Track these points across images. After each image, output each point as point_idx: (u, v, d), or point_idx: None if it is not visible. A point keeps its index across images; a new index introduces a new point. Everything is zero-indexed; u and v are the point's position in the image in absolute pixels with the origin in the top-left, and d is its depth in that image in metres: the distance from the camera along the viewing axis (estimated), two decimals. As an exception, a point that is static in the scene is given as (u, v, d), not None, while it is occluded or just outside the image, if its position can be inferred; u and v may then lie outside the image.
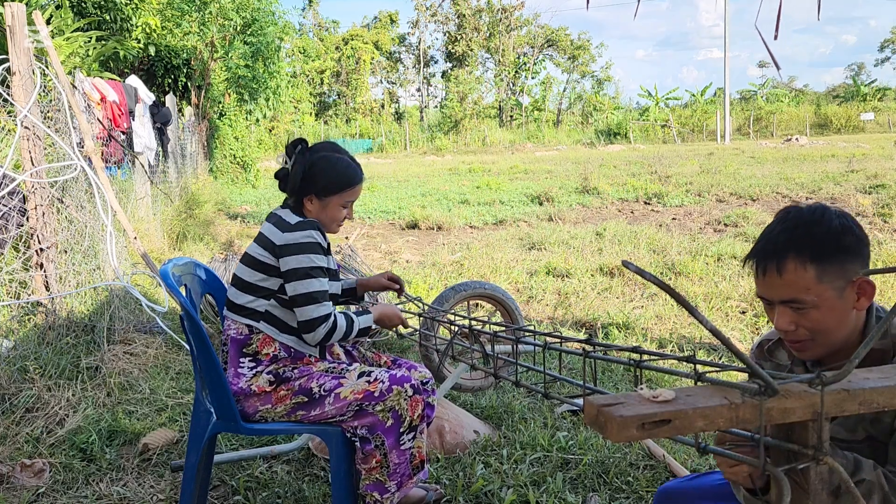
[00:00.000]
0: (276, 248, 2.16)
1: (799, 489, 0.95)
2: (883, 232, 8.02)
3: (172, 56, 14.02)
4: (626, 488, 2.60)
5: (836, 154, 20.17)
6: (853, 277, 1.35)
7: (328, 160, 2.26)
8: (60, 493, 2.64)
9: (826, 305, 1.35)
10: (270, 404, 2.17)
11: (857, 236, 1.37)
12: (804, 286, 1.35)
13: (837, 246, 1.35)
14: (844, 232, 1.36)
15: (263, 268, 2.19)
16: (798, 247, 1.35)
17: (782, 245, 1.37)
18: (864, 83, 52.44)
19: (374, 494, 2.17)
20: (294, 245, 2.14)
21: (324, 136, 40.28)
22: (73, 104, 4.43)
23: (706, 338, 4.54)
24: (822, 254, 1.34)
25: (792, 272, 1.35)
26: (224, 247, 8.35)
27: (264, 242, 2.20)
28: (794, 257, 1.35)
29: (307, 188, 2.24)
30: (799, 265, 1.35)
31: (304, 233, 2.15)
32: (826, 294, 1.35)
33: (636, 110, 49.72)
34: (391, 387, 2.14)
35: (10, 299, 3.92)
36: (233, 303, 2.23)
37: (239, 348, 2.19)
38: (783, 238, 1.38)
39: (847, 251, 1.35)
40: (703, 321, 0.86)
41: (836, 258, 1.34)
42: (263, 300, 2.19)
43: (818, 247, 1.34)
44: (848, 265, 1.35)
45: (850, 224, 1.38)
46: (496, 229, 9.77)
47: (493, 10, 50.24)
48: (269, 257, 2.18)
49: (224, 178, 16.35)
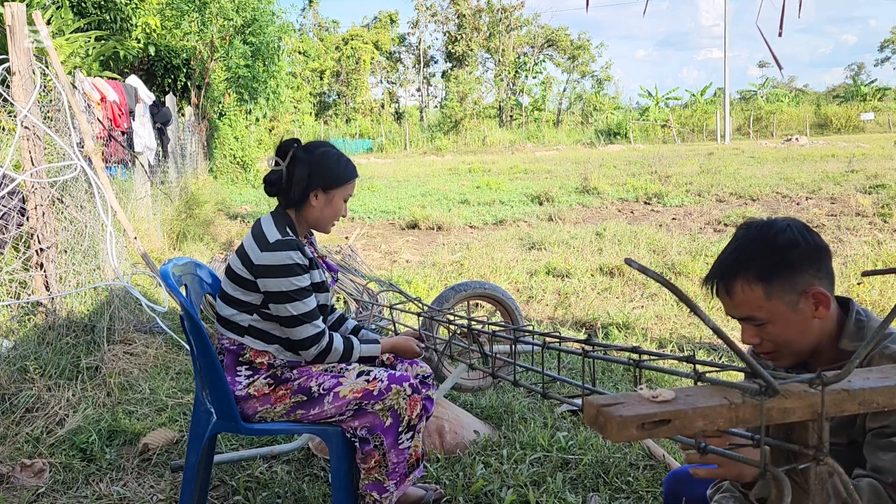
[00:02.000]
0: (254, 268, 2.13)
1: (799, 489, 0.95)
2: (883, 232, 8.01)
3: (172, 56, 14.02)
4: (626, 488, 2.60)
5: (836, 154, 20.17)
6: (806, 289, 1.38)
7: (331, 154, 2.25)
8: (60, 493, 2.64)
9: (780, 320, 1.39)
10: (270, 404, 2.18)
11: (804, 249, 1.39)
12: (756, 305, 1.39)
13: (782, 262, 1.38)
14: (790, 247, 1.38)
15: (243, 283, 2.16)
16: (744, 267, 1.39)
17: (730, 267, 1.41)
18: (864, 83, 52.44)
19: (374, 494, 2.17)
20: (272, 267, 2.10)
21: (324, 136, 40.28)
22: (73, 104, 4.43)
23: (706, 338, 4.54)
24: (767, 272, 1.38)
25: (740, 293, 1.40)
26: (224, 247, 8.35)
27: (243, 257, 2.16)
28: (741, 278, 1.39)
29: (313, 184, 2.20)
30: (746, 285, 1.39)
31: (282, 254, 2.10)
32: (778, 309, 1.38)
33: (636, 110, 49.72)
34: (390, 385, 2.14)
35: (10, 299, 3.92)
36: (219, 315, 2.23)
37: (235, 357, 2.20)
38: (731, 259, 1.42)
39: (793, 265, 1.38)
40: (705, 319, 0.86)
41: (782, 274, 1.37)
42: (246, 315, 2.17)
43: (763, 265, 1.38)
44: (797, 279, 1.37)
45: (798, 238, 1.39)
46: (496, 229, 9.77)
47: (493, 10, 50.22)
48: (247, 273, 2.15)
49: (224, 178, 16.36)
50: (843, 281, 5.59)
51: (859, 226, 8.46)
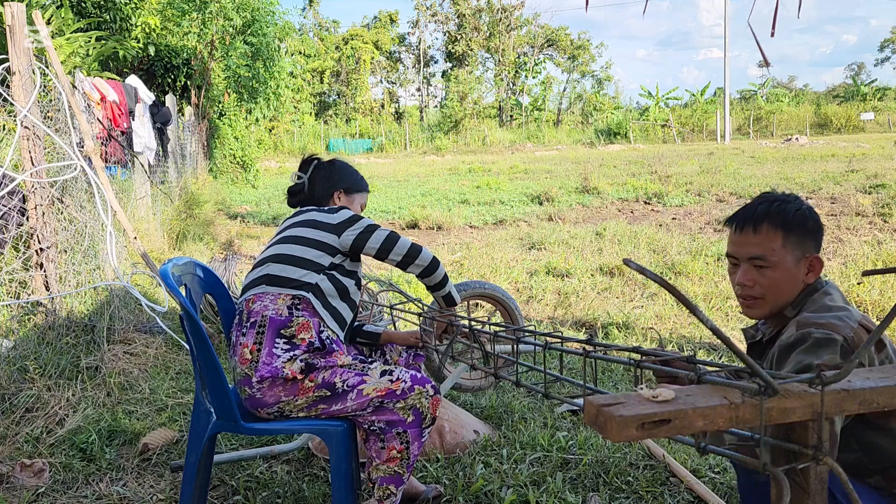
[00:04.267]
0: (335, 227, 2.29)
1: (799, 489, 0.95)
2: (883, 232, 8.01)
3: (172, 56, 14.03)
4: (626, 488, 2.60)
5: (836, 154, 20.16)
6: (807, 254, 1.69)
7: (347, 164, 2.57)
8: (60, 493, 2.63)
9: (783, 267, 1.68)
10: (293, 395, 2.14)
11: (818, 223, 1.73)
12: (771, 247, 1.68)
13: (802, 224, 1.69)
14: (807, 217, 1.71)
15: (319, 245, 2.27)
16: (772, 217, 1.70)
17: (761, 213, 1.71)
18: (864, 83, 52.45)
19: (390, 487, 2.16)
20: (352, 217, 2.32)
21: (324, 136, 40.30)
22: (73, 104, 4.43)
23: (706, 338, 4.54)
24: (790, 226, 1.68)
25: (764, 232, 1.69)
26: (224, 247, 8.35)
27: (316, 224, 2.31)
28: (769, 222, 1.70)
29: (336, 185, 2.49)
30: (771, 229, 1.69)
31: (348, 210, 2.36)
32: (786, 258, 1.68)
33: (636, 110, 49.68)
34: (413, 386, 2.16)
35: (10, 299, 3.92)
36: (277, 276, 2.22)
37: (276, 329, 2.16)
38: (762, 209, 1.72)
39: (808, 231, 1.70)
40: (704, 319, 0.86)
41: (799, 233, 1.69)
42: (315, 274, 2.23)
43: (788, 220, 1.69)
44: (807, 241, 1.70)
45: (812, 213, 1.73)
46: (496, 229, 9.77)
47: (493, 9, 50.21)
48: (326, 235, 2.28)
49: (224, 177, 16.36)
50: (843, 281, 5.58)
51: (859, 226, 8.46)
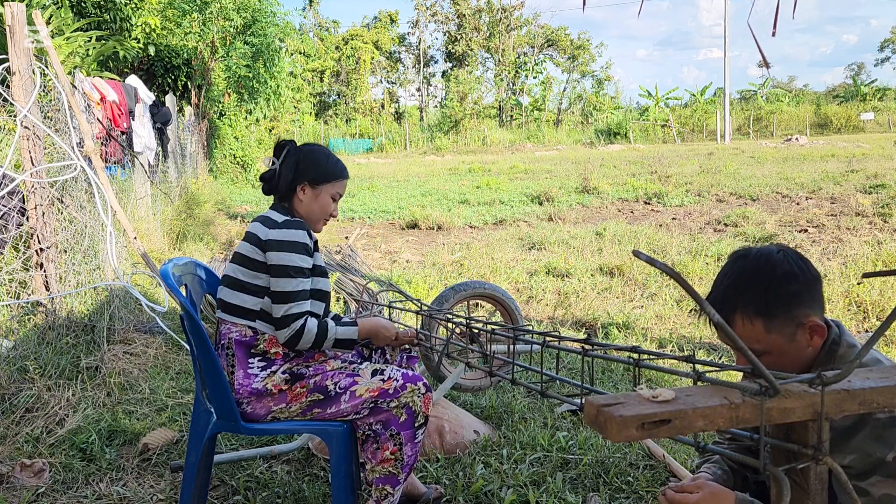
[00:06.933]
0: (262, 243, 2.15)
1: (799, 489, 0.95)
2: (883, 232, 8.01)
3: (172, 56, 14.02)
4: (626, 488, 2.60)
5: (836, 154, 20.17)
6: (803, 321, 1.36)
7: (318, 152, 2.34)
8: (60, 493, 2.63)
9: (777, 351, 1.38)
10: (285, 403, 2.15)
11: (802, 280, 1.37)
12: (754, 338, 1.37)
13: (783, 296, 1.35)
14: (789, 280, 1.36)
15: (254, 265, 2.17)
16: (743, 302, 1.37)
17: (729, 301, 1.39)
18: (864, 83, 52.44)
19: (387, 488, 2.17)
20: (281, 242, 2.13)
21: (324, 136, 40.30)
22: (72, 104, 4.43)
23: (706, 338, 4.54)
24: (767, 307, 1.36)
25: (740, 328, 1.38)
26: (224, 247, 8.35)
27: (252, 239, 2.19)
28: (740, 313, 1.38)
29: (300, 177, 2.27)
30: (746, 320, 1.37)
31: (291, 231, 2.15)
32: (777, 342, 1.37)
33: (636, 110, 49.69)
34: (405, 384, 2.16)
35: (10, 299, 3.92)
36: (227, 303, 2.20)
37: (247, 349, 2.16)
38: (730, 293, 1.40)
39: (792, 299, 1.36)
40: (710, 313, 0.86)
41: (782, 308, 1.35)
42: (257, 298, 2.16)
43: (763, 300, 1.36)
44: (795, 311, 1.36)
45: (795, 269, 1.38)
46: (496, 229, 9.77)
47: (493, 9, 50.23)
48: (257, 252, 2.16)
49: (224, 177, 16.37)
50: (843, 281, 5.58)
51: (859, 226, 8.46)
